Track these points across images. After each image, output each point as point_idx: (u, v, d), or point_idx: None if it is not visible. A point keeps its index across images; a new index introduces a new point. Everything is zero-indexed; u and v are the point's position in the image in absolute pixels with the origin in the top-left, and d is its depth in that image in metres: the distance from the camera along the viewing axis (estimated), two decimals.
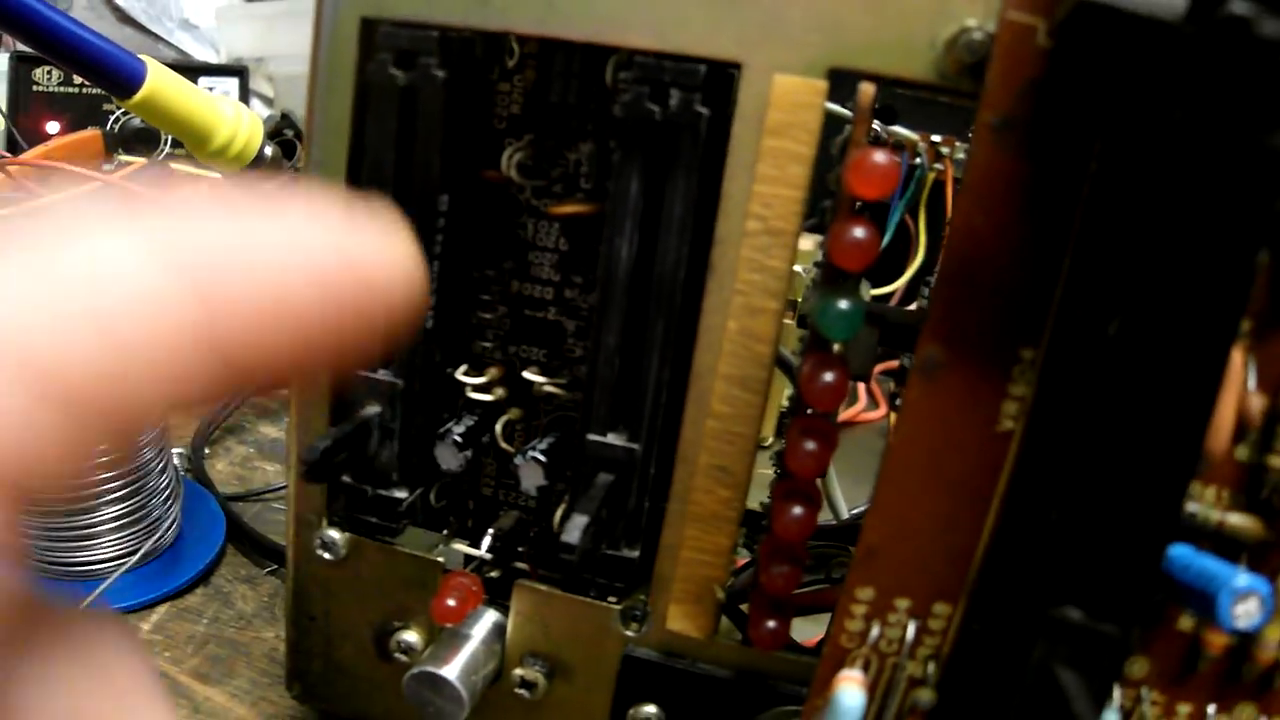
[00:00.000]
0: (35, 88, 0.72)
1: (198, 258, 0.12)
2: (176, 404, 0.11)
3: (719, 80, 0.22)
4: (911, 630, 0.19)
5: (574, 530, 0.22)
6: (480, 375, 0.27)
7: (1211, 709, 0.19)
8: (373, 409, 0.25)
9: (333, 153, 0.24)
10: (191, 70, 0.75)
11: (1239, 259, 0.15)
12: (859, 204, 0.20)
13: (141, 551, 0.36)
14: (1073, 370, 0.17)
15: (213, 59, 0.97)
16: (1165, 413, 0.16)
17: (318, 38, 0.24)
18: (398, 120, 0.24)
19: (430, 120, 0.24)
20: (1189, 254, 0.15)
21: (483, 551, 0.27)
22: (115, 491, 0.35)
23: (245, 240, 0.12)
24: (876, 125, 0.33)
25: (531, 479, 0.25)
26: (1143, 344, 0.15)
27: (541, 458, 0.25)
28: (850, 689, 0.19)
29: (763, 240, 0.22)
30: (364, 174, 0.24)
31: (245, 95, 0.77)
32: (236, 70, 0.78)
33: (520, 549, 0.28)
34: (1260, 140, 0.15)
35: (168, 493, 0.37)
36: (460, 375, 0.27)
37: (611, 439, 0.24)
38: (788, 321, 0.24)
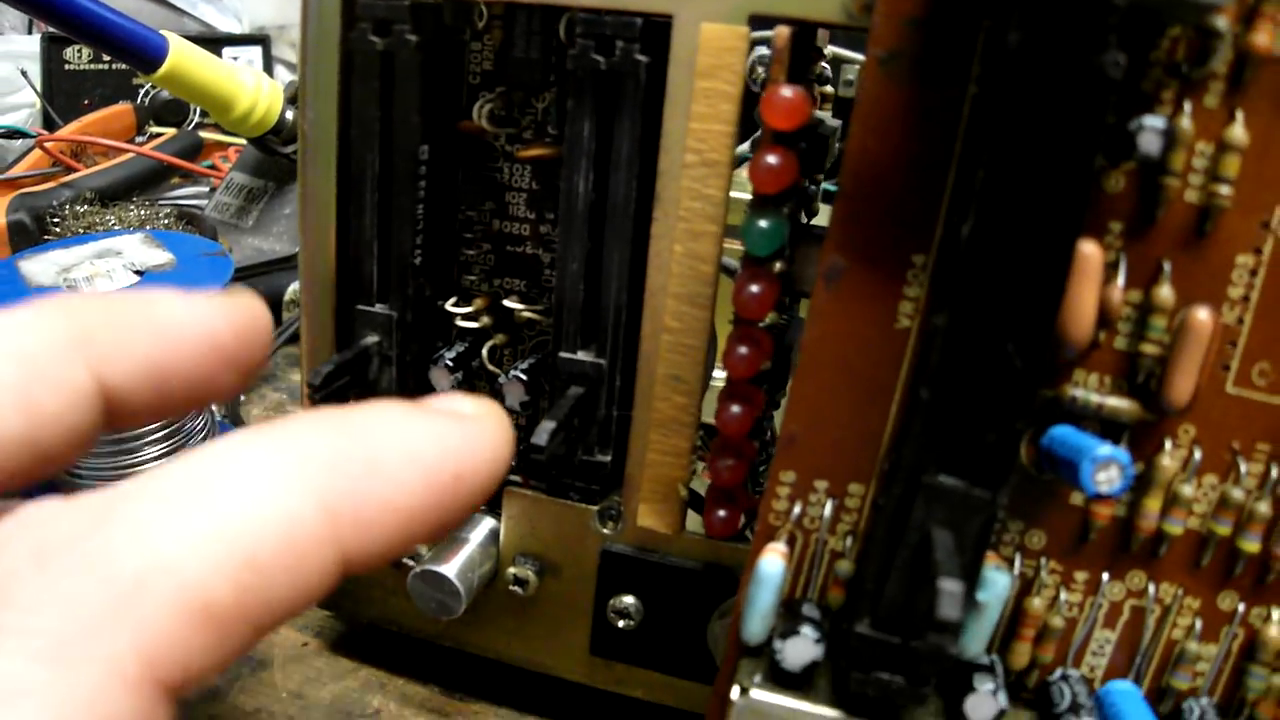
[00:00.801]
0: (67, 66, 0.76)
1: (329, 482, 0.14)
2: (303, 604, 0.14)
3: (655, 31, 0.24)
4: (829, 508, 0.22)
5: (542, 433, 0.25)
6: (468, 306, 0.30)
7: (1105, 576, 0.22)
8: (371, 338, 0.28)
9: (326, 111, 0.27)
10: (215, 41, 0.78)
11: (1074, 167, 0.18)
12: (774, 134, 0.22)
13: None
14: (947, 271, 0.20)
15: (236, 29, 1.00)
16: (1015, 302, 0.18)
17: (306, 11, 0.27)
18: (379, 81, 0.27)
19: (407, 80, 0.26)
20: (1031, 162, 0.18)
21: None
22: (155, 434, 0.38)
23: (367, 460, 0.15)
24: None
25: (514, 396, 0.28)
26: (989, 242, 0.18)
27: (523, 376, 0.28)
28: (771, 558, 0.21)
29: (700, 171, 0.24)
30: (353, 130, 0.27)
31: (269, 63, 0.80)
32: (259, 39, 0.81)
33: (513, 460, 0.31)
34: (1091, 61, 0.17)
35: (204, 436, 0.41)
36: (449, 306, 0.30)
37: (580, 355, 0.27)
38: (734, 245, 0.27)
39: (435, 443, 0.16)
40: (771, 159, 0.22)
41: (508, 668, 0.31)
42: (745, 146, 0.30)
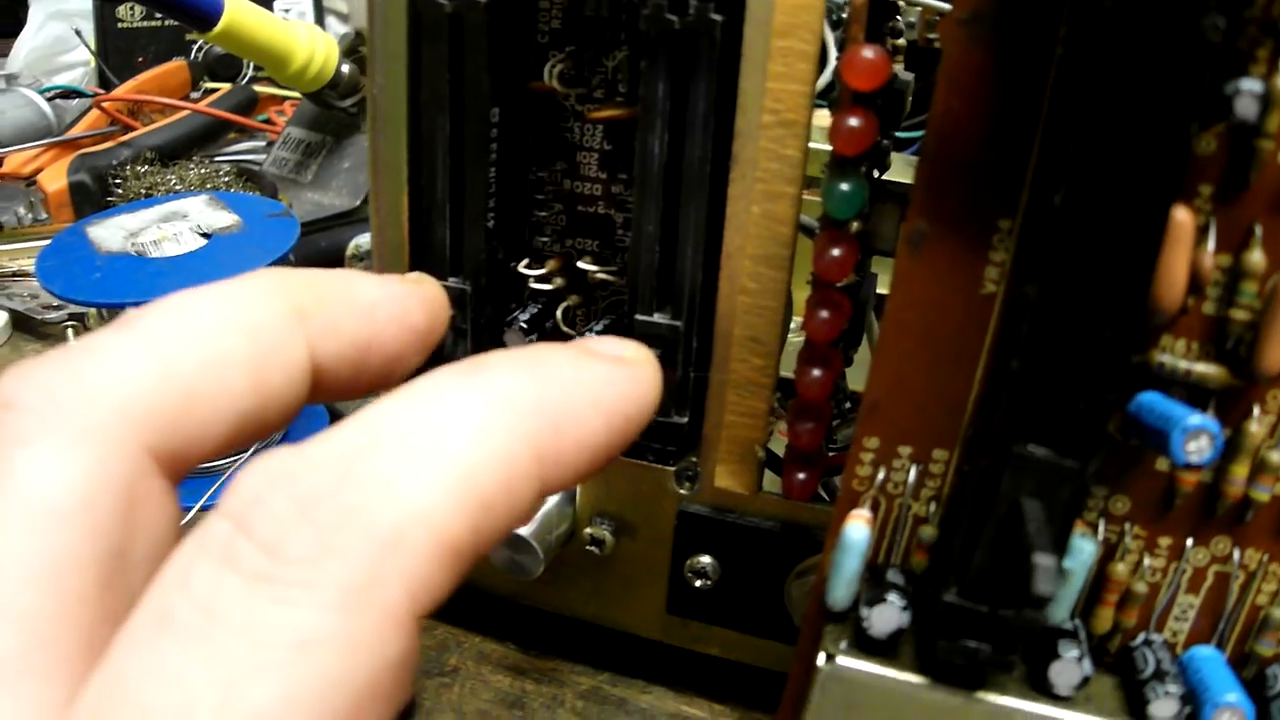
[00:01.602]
0: (120, 24, 0.76)
1: (535, 426, 0.16)
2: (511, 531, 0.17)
3: None
4: (913, 474, 0.22)
5: None
6: (540, 267, 0.30)
7: (1189, 541, 0.21)
8: None
9: (395, 76, 0.27)
10: None
11: (1170, 134, 0.17)
12: (855, 95, 0.22)
13: (251, 450, 0.40)
14: (1035, 238, 0.19)
15: None
16: (1107, 272, 0.18)
17: None
18: (448, 44, 0.26)
19: (476, 41, 0.26)
20: (1125, 129, 0.17)
21: None
22: None
23: (562, 404, 0.17)
24: None
25: None
26: (1082, 212, 0.18)
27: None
28: (856, 525, 0.21)
29: (778, 132, 0.24)
30: (422, 95, 0.27)
31: (320, 14, 0.80)
32: None
33: None
34: (1191, 23, 0.17)
35: None
36: (522, 269, 0.30)
37: (657, 318, 0.27)
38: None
39: (612, 388, 0.18)
40: (854, 121, 0.22)
41: (585, 625, 0.32)
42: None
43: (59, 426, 0.14)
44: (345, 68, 0.56)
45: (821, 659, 0.21)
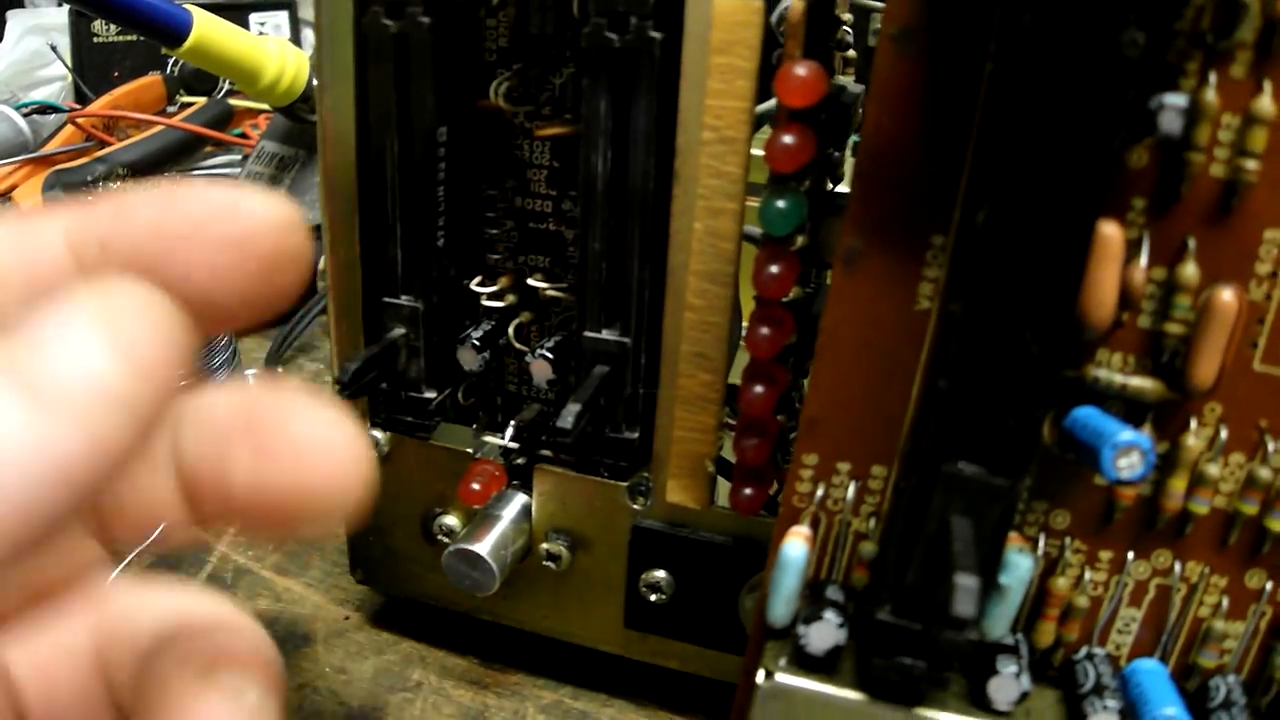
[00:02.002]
0: (95, 39, 0.76)
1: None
2: None
3: (668, 7, 0.24)
4: (852, 490, 0.22)
5: (568, 417, 0.25)
6: (493, 284, 0.30)
7: (1130, 555, 0.21)
8: (399, 330, 0.28)
9: (343, 97, 0.27)
10: (241, 8, 0.78)
11: (1091, 150, 0.17)
12: (790, 112, 0.22)
13: None
14: (965, 255, 0.19)
15: None
16: (1032, 289, 0.18)
17: None
18: (394, 64, 0.26)
19: (421, 61, 0.26)
20: (1045, 146, 0.17)
21: (507, 441, 0.30)
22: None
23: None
24: None
25: (541, 374, 0.28)
26: (1004, 229, 0.18)
27: (549, 355, 0.28)
28: (794, 542, 0.21)
29: (718, 148, 0.24)
30: (370, 113, 0.27)
31: (296, 27, 0.80)
32: (285, 3, 0.81)
33: (544, 438, 0.31)
34: (1108, 40, 0.17)
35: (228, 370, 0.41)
36: (475, 286, 0.30)
37: (605, 335, 0.27)
38: None
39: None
40: (788, 139, 0.22)
41: (546, 639, 0.32)
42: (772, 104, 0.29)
43: None
44: (316, 80, 0.56)
45: (761, 676, 0.21)
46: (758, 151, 0.24)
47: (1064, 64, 0.17)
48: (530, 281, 0.29)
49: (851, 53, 0.30)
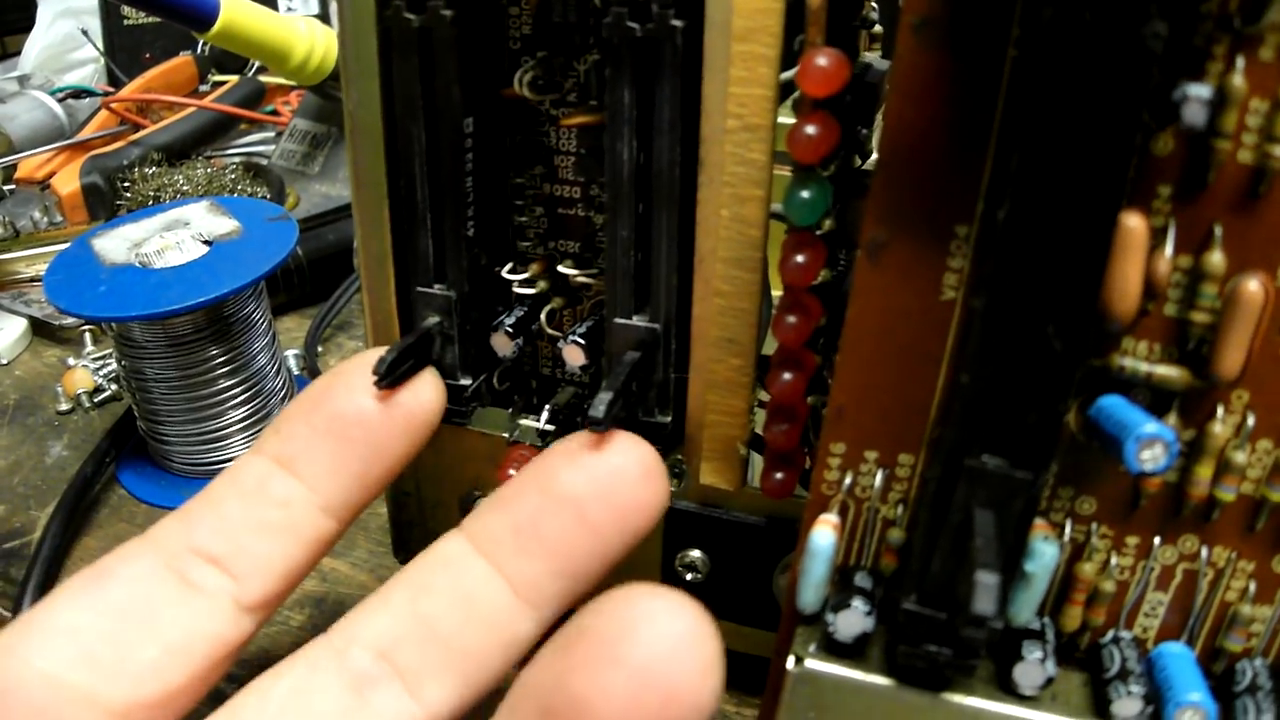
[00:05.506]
0: (126, 21, 0.77)
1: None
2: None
3: None
4: (879, 478, 0.22)
5: (599, 405, 0.25)
6: (524, 271, 0.30)
7: (1157, 540, 0.21)
8: (433, 319, 0.29)
9: (369, 91, 0.28)
10: None
11: (1113, 144, 0.17)
12: (813, 101, 0.22)
13: None
14: (987, 247, 0.19)
15: None
16: (1054, 284, 0.18)
17: None
18: (418, 58, 0.27)
19: (445, 54, 0.26)
20: (1067, 140, 0.17)
21: (542, 424, 0.30)
22: (238, 397, 0.40)
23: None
24: None
25: (574, 359, 0.29)
26: (1026, 223, 0.18)
27: (581, 340, 0.29)
28: (823, 530, 0.22)
29: (742, 136, 0.24)
30: (397, 107, 0.27)
31: (324, 3, 0.80)
32: None
33: (579, 420, 0.32)
34: (1130, 33, 0.17)
35: (283, 393, 0.42)
36: (506, 273, 0.30)
37: (635, 321, 0.27)
38: None
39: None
40: (810, 129, 0.22)
41: None
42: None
43: None
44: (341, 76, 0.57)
45: (791, 662, 0.21)
46: (785, 119, 0.24)
47: (1085, 59, 0.17)
48: (560, 268, 0.30)
49: (878, 28, 0.30)
